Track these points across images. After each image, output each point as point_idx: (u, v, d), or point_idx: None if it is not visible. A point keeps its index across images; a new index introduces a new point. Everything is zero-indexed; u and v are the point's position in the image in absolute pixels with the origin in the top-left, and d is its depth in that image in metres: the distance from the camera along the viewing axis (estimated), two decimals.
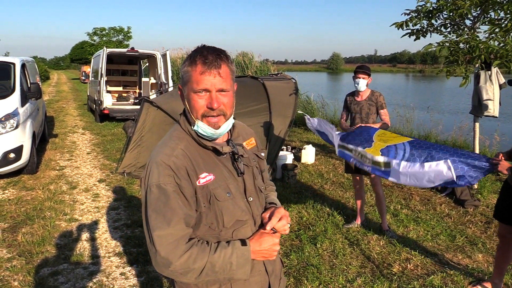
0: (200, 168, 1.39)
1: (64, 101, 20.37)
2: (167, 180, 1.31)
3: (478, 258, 4.00)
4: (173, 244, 1.27)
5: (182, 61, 16.71)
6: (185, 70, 1.38)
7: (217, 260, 1.30)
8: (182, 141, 1.41)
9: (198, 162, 1.39)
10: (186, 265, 1.27)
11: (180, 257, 1.26)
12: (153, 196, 1.31)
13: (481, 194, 5.75)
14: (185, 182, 1.34)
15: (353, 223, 4.75)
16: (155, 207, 1.30)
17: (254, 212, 1.50)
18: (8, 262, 3.88)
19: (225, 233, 1.41)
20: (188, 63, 1.36)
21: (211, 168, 1.41)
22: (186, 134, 1.44)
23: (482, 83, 5.59)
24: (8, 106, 6.57)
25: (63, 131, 11.18)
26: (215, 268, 1.30)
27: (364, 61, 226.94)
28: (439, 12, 5.83)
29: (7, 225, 4.76)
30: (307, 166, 7.47)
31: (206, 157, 1.43)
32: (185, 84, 1.39)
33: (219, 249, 1.32)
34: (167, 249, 1.26)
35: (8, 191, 5.97)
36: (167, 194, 1.30)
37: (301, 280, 3.56)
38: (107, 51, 12.53)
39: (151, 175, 1.34)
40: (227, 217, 1.40)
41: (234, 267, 1.33)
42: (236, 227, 1.43)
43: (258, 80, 6.83)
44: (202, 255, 1.29)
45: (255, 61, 18.45)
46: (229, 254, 1.33)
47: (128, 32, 41.48)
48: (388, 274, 3.69)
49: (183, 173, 1.34)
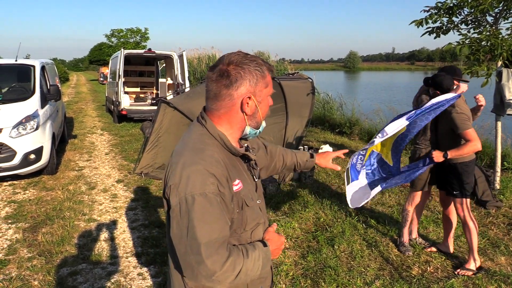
0: (233, 175, 1.41)
1: (83, 102, 20.68)
2: (212, 188, 1.30)
3: (501, 260, 3.90)
4: (218, 253, 1.27)
5: (199, 61, 16.68)
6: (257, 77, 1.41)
7: (249, 264, 1.34)
8: (213, 147, 1.41)
9: (230, 168, 1.42)
10: (228, 272, 1.28)
11: (223, 264, 1.27)
12: (198, 205, 1.28)
13: (504, 195, 5.61)
14: (227, 189, 1.36)
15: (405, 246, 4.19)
16: (202, 217, 1.28)
17: (264, 214, 1.59)
18: (28, 262, 3.94)
19: (245, 235, 1.47)
20: (260, 70, 1.42)
21: (239, 175, 1.46)
22: (214, 139, 1.43)
23: (505, 81, 5.45)
24: (28, 108, 6.69)
25: (82, 132, 11.35)
26: (248, 271, 1.34)
27: (382, 59, 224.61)
28: (460, 9, 5.71)
29: (28, 225, 4.84)
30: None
31: (234, 163, 1.47)
32: (262, 90, 1.44)
33: (250, 253, 1.36)
34: (214, 259, 1.26)
35: (28, 192, 6.08)
36: (213, 203, 1.29)
37: (318, 282, 3.52)
38: (125, 52, 12.66)
39: (192, 183, 1.30)
40: (250, 221, 1.47)
41: (260, 268, 1.38)
42: (253, 229, 1.50)
43: (275, 80, 6.80)
44: (239, 261, 1.31)
45: (271, 60, 18.42)
46: (257, 256, 1.38)
47: (145, 33, 41.95)
48: (407, 277, 3.62)
49: (224, 180, 1.35)
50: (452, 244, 4.07)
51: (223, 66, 1.39)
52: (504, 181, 6.02)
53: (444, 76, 3.57)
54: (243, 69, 1.38)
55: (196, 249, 1.26)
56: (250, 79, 1.39)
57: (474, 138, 3.42)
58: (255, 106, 1.43)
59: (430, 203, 5.39)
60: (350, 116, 11.52)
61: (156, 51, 13.16)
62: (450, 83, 3.55)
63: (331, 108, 12.70)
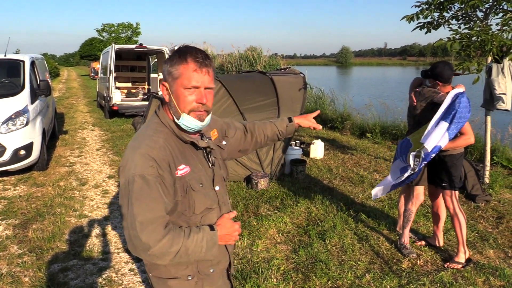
0: (179, 160, 1.50)
1: (74, 97, 20.53)
2: (151, 171, 1.40)
3: (490, 253, 3.95)
4: (153, 230, 1.37)
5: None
6: (174, 67, 1.47)
7: (190, 244, 1.42)
8: (162, 134, 1.51)
9: (176, 154, 1.50)
10: (164, 249, 1.37)
11: (159, 241, 1.37)
12: (137, 185, 1.39)
13: (493, 189, 5.67)
14: (167, 173, 1.44)
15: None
16: (139, 196, 1.38)
17: (220, 200, 1.65)
18: (19, 258, 3.92)
19: (195, 219, 1.55)
20: (178, 60, 1.47)
21: (187, 160, 1.54)
22: (165, 127, 1.54)
23: (494, 76, 5.49)
24: (18, 103, 6.62)
25: (73, 128, 11.27)
26: (188, 251, 1.42)
27: (374, 55, 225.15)
28: (451, 4, 5.74)
29: (18, 221, 4.81)
30: (316, 161, 7.43)
31: (183, 149, 1.54)
32: (174, 80, 1.48)
33: (192, 234, 1.45)
34: (148, 235, 1.36)
35: (19, 188, 6.03)
36: (150, 184, 1.39)
37: (310, 276, 3.55)
38: (116, 48, 12.56)
39: (134, 165, 1.41)
40: (199, 205, 1.54)
41: (204, 250, 1.46)
42: (204, 214, 1.57)
43: (266, 75, 6.81)
44: (177, 240, 1.40)
45: (264, 55, 18.36)
46: (200, 238, 1.45)
47: (137, 28, 41.62)
48: (398, 270, 3.66)
49: (165, 164, 1.44)
50: (442, 238, 4.11)
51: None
52: (493, 175, 6.09)
53: (444, 67, 3.63)
54: (167, 58, 1.51)
55: (133, 225, 1.37)
56: (165, 67, 1.50)
57: (468, 132, 3.49)
58: (168, 94, 1.52)
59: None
60: (342, 111, 11.56)
61: (147, 46, 13.08)
62: (451, 73, 3.63)
63: (323, 103, 12.73)
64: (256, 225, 4.57)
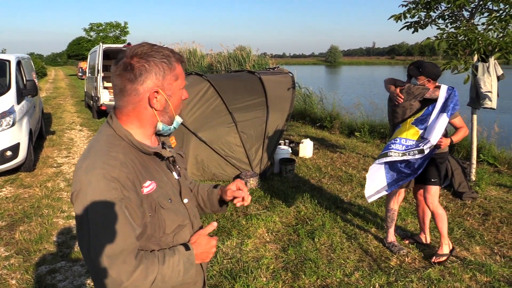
0: (143, 176, 1.31)
1: (62, 97, 20.31)
2: (114, 194, 1.20)
3: (476, 250, 4.00)
4: (123, 262, 1.19)
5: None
6: (171, 69, 1.33)
7: (166, 270, 1.26)
8: (119, 148, 1.29)
9: (139, 169, 1.31)
10: (139, 281, 1.20)
11: (132, 274, 1.19)
12: (99, 213, 1.19)
13: (479, 186, 5.75)
14: (132, 193, 1.25)
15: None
16: (103, 226, 1.19)
17: (191, 214, 1.48)
18: (5, 261, 3.87)
19: (166, 239, 1.36)
20: (168, 61, 1.31)
21: (152, 175, 1.35)
22: (122, 140, 1.32)
23: (480, 74, 5.56)
24: (3, 104, 6.53)
25: (61, 128, 11.16)
26: (165, 278, 1.26)
27: (363, 54, 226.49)
28: (437, 3, 5.80)
29: (5, 223, 4.75)
30: (305, 160, 7.46)
31: (145, 163, 1.35)
32: (172, 83, 1.34)
33: (167, 258, 1.29)
34: (118, 269, 1.18)
35: (5, 189, 5.95)
36: (115, 210, 1.20)
37: (299, 275, 3.56)
38: (104, 47, 12.46)
39: (92, 189, 1.20)
40: (169, 223, 1.36)
41: (182, 274, 1.31)
42: (176, 232, 1.39)
43: (255, 74, 6.81)
44: (152, 268, 1.23)
45: (253, 55, 18.37)
46: (176, 261, 1.30)
47: (125, 28, 41.42)
48: (386, 268, 3.69)
49: (130, 183, 1.24)
50: (429, 235, 4.15)
51: (127, 59, 1.28)
52: (479, 173, 6.17)
53: (433, 65, 3.78)
54: (148, 61, 1.28)
55: (99, 261, 1.18)
56: (157, 72, 1.29)
57: (464, 125, 3.75)
58: (165, 100, 1.34)
59: (409, 195, 5.48)
60: (331, 110, 11.60)
61: None
62: (440, 71, 3.79)
63: (312, 102, 12.76)
64: (245, 225, 4.57)
